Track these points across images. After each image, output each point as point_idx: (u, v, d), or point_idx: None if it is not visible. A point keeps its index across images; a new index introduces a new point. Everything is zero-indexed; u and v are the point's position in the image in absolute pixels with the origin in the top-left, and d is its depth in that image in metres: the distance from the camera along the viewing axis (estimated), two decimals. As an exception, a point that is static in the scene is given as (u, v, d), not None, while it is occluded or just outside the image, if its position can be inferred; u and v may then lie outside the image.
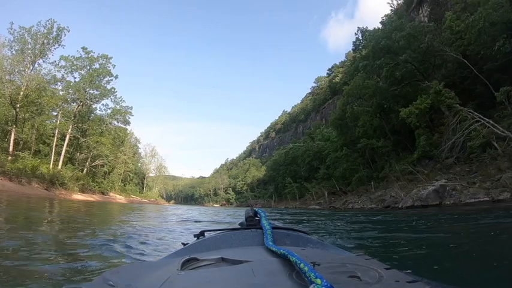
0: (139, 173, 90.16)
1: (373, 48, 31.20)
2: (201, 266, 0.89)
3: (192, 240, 1.51)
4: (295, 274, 0.69)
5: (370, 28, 35.38)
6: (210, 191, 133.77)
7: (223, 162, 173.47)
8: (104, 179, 57.26)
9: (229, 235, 1.32)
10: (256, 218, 1.46)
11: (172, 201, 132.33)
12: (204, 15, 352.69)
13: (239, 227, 1.49)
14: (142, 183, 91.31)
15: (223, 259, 0.92)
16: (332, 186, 43.24)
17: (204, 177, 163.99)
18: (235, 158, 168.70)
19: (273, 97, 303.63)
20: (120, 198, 49.62)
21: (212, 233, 1.46)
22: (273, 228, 1.26)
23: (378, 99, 33.76)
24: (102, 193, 49.36)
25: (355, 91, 37.53)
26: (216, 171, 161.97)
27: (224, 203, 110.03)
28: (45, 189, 29.66)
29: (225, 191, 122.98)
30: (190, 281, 0.74)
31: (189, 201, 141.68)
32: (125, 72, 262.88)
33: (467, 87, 27.06)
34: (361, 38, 34.59)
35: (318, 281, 0.56)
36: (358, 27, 34.78)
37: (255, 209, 1.54)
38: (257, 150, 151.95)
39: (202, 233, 1.52)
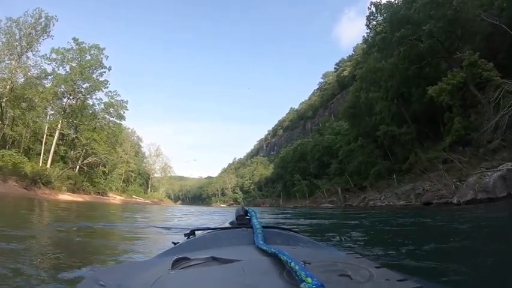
0: (143, 173, 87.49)
1: (390, 19, 27.37)
2: (191, 266, 0.86)
3: (182, 239, 1.48)
4: (286, 273, 0.68)
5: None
6: (217, 191, 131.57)
7: (230, 162, 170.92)
8: (105, 179, 54.58)
9: (219, 234, 1.30)
10: (247, 217, 1.40)
11: (179, 202, 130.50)
12: (206, 11, 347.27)
13: (230, 226, 1.46)
14: (147, 184, 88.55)
15: (213, 258, 0.89)
16: (345, 182, 39.78)
17: (212, 177, 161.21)
18: (242, 157, 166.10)
19: (279, 94, 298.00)
20: (115, 199, 46.49)
21: (202, 232, 1.45)
22: (264, 227, 1.23)
23: (397, 81, 29.92)
24: (100, 193, 46.60)
25: (369, 74, 33.82)
26: (224, 170, 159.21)
27: (232, 202, 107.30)
28: (24, 188, 26.70)
29: (233, 190, 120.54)
30: (181, 280, 0.75)
31: (196, 202, 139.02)
32: (127, 70, 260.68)
33: (500, 63, 23.23)
34: (375, 12, 30.70)
35: (309, 279, 0.56)
36: (372, 1, 30.91)
37: (245, 208, 1.47)
38: (265, 148, 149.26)
39: (192, 232, 1.49)
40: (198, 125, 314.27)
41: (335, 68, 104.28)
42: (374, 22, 31.46)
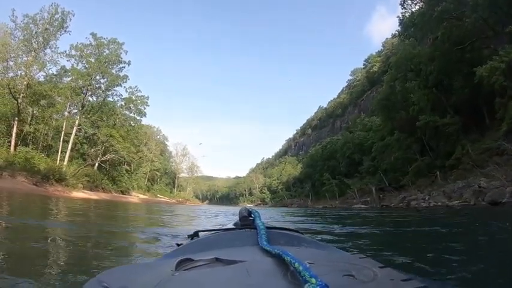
0: (170, 172, 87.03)
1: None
2: (195, 267, 0.87)
3: (186, 240, 1.49)
4: (290, 274, 0.68)
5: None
6: (245, 190, 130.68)
7: (258, 162, 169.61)
8: (129, 177, 53.77)
9: (223, 235, 1.31)
10: (250, 218, 1.40)
11: (206, 202, 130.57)
12: (234, 14, 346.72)
13: (233, 227, 1.46)
14: (174, 183, 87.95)
15: (217, 259, 0.89)
16: (379, 180, 36.37)
17: (240, 177, 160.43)
18: (271, 157, 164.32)
19: (308, 93, 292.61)
20: (135, 198, 45.09)
21: (206, 234, 1.45)
22: (267, 228, 1.22)
23: (437, 66, 26.36)
24: (122, 192, 45.65)
25: (405, 61, 30.33)
26: (252, 170, 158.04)
27: (259, 202, 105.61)
28: (34, 185, 25.49)
29: (260, 190, 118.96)
30: (185, 281, 0.75)
31: (224, 202, 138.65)
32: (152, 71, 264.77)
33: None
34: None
35: (313, 280, 0.56)
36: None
37: (249, 208, 1.47)
38: (293, 148, 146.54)
39: (196, 234, 1.51)
40: (226, 126, 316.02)
41: (364, 65, 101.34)
42: (409, 0, 28.03)
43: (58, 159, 35.64)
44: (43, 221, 6.90)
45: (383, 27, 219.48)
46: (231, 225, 1.54)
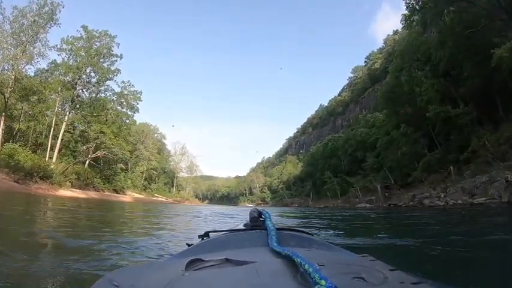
0: (168, 171, 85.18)
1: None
2: (205, 267, 0.87)
3: (196, 241, 1.48)
4: (300, 275, 0.69)
5: None
6: (245, 190, 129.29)
7: (259, 161, 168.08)
8: (124, 176, 52.04)
9: (233, 236, 1.32)
10: (261, 219, 1.40)
11: (206, 201, 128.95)
12: (235, 13, 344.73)
13: (244, 227, 1.46)
14: (173, 183, 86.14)
15: (227, 260, 0.90)
16: (384, 178, 34.58)
17: (240, 176, 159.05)
18: (271, 156, 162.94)
19: (308, 92, 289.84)
20: (127, 197, 43.24)
21: (216, 234, 1.46)
22: (278, 229, 1.24)
23: (446, 53, 24.58)
24: (116, 191, 43.99)
25: (411, 49, 28.56)
26: (252, 170, 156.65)
27: (259, 202, 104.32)
28: (16, 182, 23.90)
29: (261, 190, 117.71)
30: (195, 281, 0.76)
31: (224, 201, 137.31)
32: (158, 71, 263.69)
33: None
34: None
35: (323, 282, 0.56)
36: None
37: (259, 209, 1.46)
38: (294, 147, 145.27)
39: (206, 234, 1.50)
40: (226, 125, 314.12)
41: (365, 62, 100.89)
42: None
43: (47, 156, 34.01)
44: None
45: (387, 26, 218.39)
46: (241, 226, 1.50)
